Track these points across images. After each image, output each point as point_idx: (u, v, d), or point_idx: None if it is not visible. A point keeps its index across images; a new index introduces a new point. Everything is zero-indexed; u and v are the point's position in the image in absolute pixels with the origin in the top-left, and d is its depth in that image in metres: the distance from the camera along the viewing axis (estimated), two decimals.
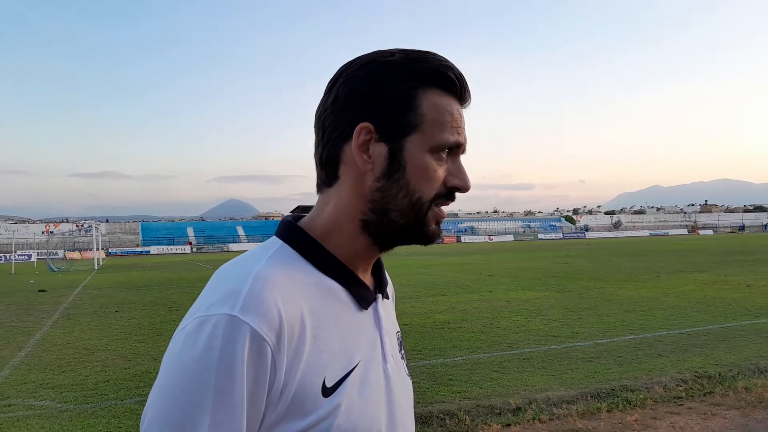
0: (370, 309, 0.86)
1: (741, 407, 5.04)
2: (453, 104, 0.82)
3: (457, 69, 0.82)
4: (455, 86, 0.82)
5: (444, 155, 0.82)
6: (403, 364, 0.92)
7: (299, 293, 0.77)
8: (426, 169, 0.80)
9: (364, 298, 0.85)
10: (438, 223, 0.84)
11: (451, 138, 0.81)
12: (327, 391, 0.75)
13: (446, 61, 0.82)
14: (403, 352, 0.95)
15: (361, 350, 0.82)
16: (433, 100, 0.81)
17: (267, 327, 0.71)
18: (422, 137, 0.80)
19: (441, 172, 0.82)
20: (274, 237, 0.86)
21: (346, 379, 0.77)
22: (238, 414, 0.69)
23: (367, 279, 0.88)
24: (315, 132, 0.86)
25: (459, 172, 0.83)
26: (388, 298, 0.93)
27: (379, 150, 0.80)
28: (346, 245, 0.84)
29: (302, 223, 0.86)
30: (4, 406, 5.77)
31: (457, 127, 0.82)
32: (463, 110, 0.85)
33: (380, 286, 0.91)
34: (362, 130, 0.80)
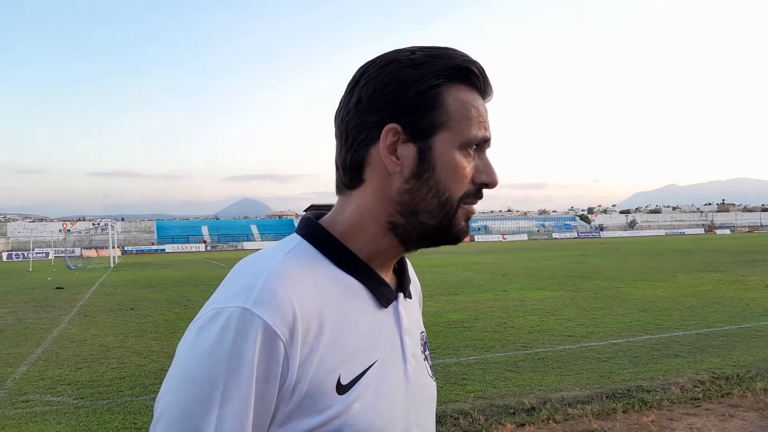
0: (390, 308, 0.85)
1: (760, 409, 4.97)
2: (477, 99, 0.82)
3: (479, 63, 0.81)
4: (479, 81, 0.81)
5: (471, 152, 0.81)
6: (426, 365, 0.91)
7: (316, 289, 0.76)
8: (455, 167, 0.79)
9: (384, 296, 0.83)
10: (467, 219, 0.83)
11: (478, 134, 0.80)
12: (342, 389, 0.74)
13: (468, 56, 0.81)
14: (427, 353, 0.93)
15: (379, 349, 0.80)
16: (458, 96, 0.80)
17: (280, 321, 0.70)
18: (450, 135, 0.79)
19: (469, 169, 0.81)
20: (294, 234, 0.85)
21: (362, 377, 0.76)
22: (246, 408, 0.69)
23: (389, 278, 0.87)
24: (336, 135, 0.84)
25: (486, 168, 0.82)
26: (410, 297, 0.92)
27: (408, 151, 0.79)
28: (368, 245, 0.83)
29: (323, 221, 0.86)
30: (22, 402, 5.84)
31: (483, 122, 0.81)
32: (486, 104, 0.84)
33: (402, 285, 0.89)
34: (390, 131, 0.78)
